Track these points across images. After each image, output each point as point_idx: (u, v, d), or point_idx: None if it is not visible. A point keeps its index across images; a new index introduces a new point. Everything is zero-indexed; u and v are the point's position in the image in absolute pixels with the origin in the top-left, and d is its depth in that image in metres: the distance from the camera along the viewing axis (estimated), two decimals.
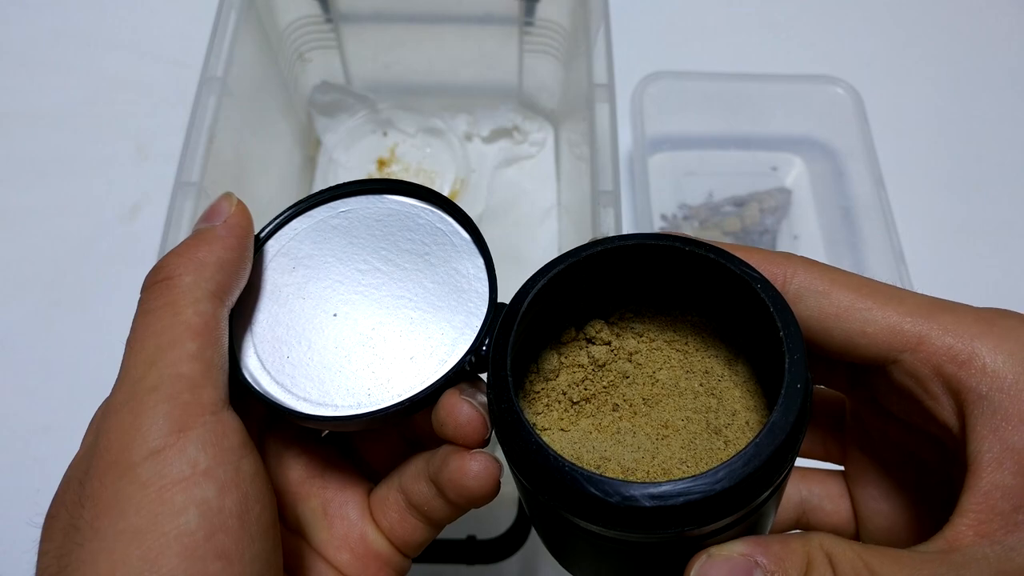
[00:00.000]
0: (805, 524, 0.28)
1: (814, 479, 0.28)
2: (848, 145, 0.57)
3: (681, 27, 0.66)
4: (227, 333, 0.24)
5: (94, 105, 0.61)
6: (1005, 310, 0.21)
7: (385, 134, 0.60)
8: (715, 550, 0.20)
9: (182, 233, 0.40)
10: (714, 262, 0.22)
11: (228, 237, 0.25)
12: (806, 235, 0.58)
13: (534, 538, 0.39)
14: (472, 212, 0.28)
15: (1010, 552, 0.19)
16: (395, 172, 0.58)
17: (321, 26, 0.55)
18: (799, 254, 0.24)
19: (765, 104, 0.59)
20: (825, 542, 0.20)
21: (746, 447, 0.19)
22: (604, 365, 0.26)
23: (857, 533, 0.27)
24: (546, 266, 0.24)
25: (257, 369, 0.25)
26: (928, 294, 0.22)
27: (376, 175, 0.58)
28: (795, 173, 0.60)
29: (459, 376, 0.25)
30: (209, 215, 0.26)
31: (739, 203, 0.58)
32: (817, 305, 0.22)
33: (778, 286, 0.22)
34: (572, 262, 0.24)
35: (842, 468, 0.28)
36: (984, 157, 0.61)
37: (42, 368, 0.51)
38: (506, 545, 0.37)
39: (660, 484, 0.19)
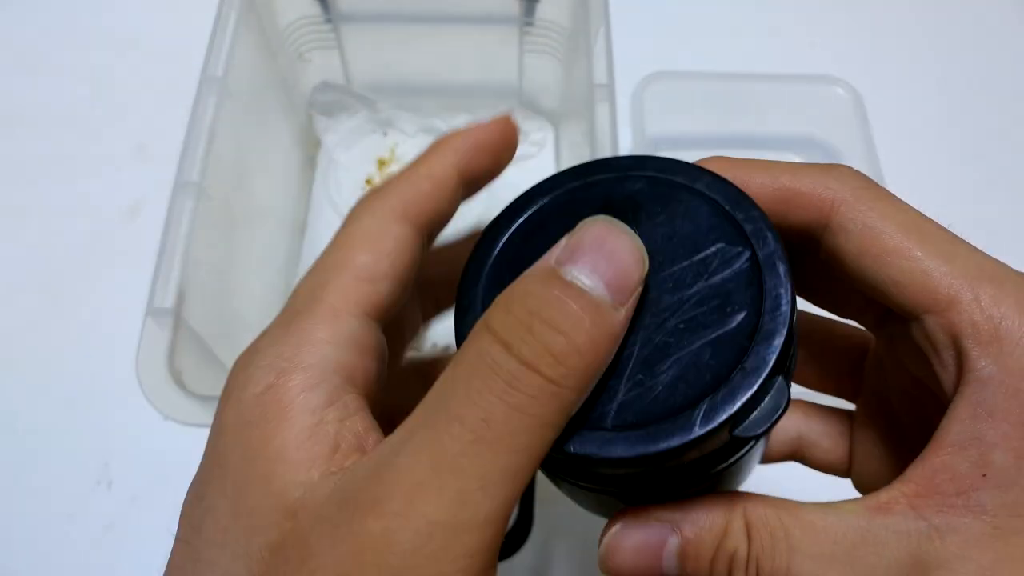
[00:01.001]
0: (800, 458, 0.28)
1: (816, 415, 0.28)
2: (848, 145, 0.57)
3: (681, 27, 0.66)
4: None
5: (94, 105, 0.61)
6: None
7: (385, 134, 0.60)
8: (630, 518, 0.20)
9: (182, 233, 0.39)
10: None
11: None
12: None
13: (534, 538, 0.39)
14: (472, 212, 0.27)
15: (933, 532, 0.18)
16: (395, 172, 0.58)
17: (321, 26, 0.55)
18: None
19: (765, 104, 0.59)
20: (748, 509, 0.19)
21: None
22: None
23: (849, 473, 0.27)
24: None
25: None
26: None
27: (376, 175, 0.58)
28: None
29: None
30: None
31: None
32: (858, 243, 0.21)
33: (823, 213, 0.21)
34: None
35: (852, 407, 0.28)
36: (984, 157, 0.61)
37: (42, 368, 0.51)
38: (506, 545, 0.37)
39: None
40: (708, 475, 0.20)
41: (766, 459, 0.28)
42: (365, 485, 0.17)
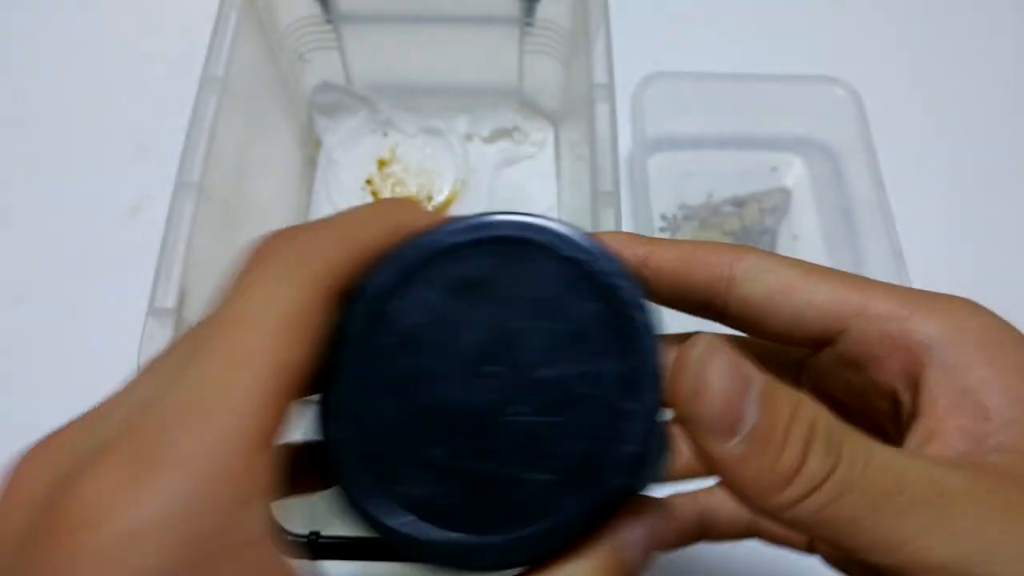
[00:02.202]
0: (708, 537, 0.29)
1: (710, 492, 0.29)
2: (848, 145, 0.57)
3: (681, 27, 0.66)
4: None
5: (94, 105, 0.61)
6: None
7: (385, 134, 0.60)
8: (709, 336, 0.18)
9: (182, 233, 0.40)
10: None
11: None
12: (806, 235, 0.58)
13: None
14: (472, 213, 0.27)
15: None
16: (395, 172, 0.58)
17: (321, 26, 0.55)
18: (796, 254, 0.23)
19: (765, 104, 0.59)
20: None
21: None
22: None
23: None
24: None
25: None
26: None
27: (376, 175, 0.58)
28: (795, 173, 0.60)
29: None
30: None
31: (739, 203, 0.58)
32: (764, 281, 0.22)
33: (724, 270, 0.23)
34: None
35: None
36: (984, 157, 0.62)
37: (42, 368, 0.51)
38: None
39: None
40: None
41: (724, 538, 0.29)
42: None
